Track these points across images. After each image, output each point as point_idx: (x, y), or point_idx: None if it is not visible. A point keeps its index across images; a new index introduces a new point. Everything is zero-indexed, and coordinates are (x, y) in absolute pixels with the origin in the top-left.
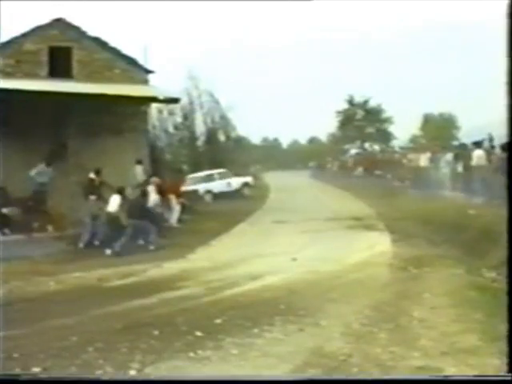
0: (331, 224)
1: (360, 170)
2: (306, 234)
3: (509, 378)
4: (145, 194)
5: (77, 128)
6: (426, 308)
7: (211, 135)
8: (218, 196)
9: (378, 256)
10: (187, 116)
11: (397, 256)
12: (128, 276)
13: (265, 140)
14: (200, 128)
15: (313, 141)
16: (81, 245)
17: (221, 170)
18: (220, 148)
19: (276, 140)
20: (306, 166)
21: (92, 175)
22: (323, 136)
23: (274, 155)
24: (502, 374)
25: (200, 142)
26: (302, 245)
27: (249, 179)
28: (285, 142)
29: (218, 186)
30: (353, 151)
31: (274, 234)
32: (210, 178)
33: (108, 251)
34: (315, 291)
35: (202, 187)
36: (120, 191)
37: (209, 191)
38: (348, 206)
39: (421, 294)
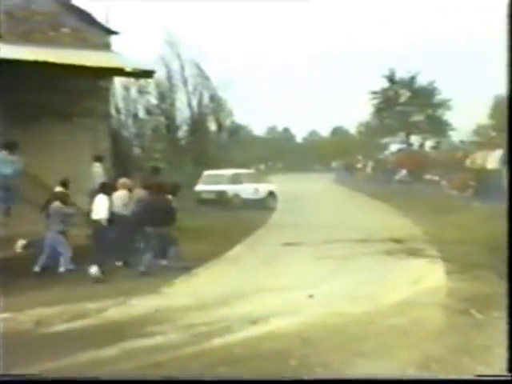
0: (362, 248)
1: (403, 172)
2: (327, 262)
3: (509, 378)
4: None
5: (5, 110)
6: (495, 368)
7: (197, 123)
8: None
9: (426, 294)
10: (164, 96)
11: (453, 294)
12: (78, 317)
13: (272, 131)
14: (182, 113)
15: (337, 132)
16: (36, 268)
17: (249, 171)
18: (209, 141)
19: (287, 131)
20: (327, 166)
21: (59, 188)
22: (352, 126)
23: (283, 151)
24: (502, 374)
25: (182, 133)
26: (320, 276)
27: (273, 187)
28: (299, 134)
29: (245, 190)
30: (393, 147)
31: (283, 261)
32: (236, 179)
33: (94, 270)
34: (339, 341)
35: (230, 189)
36: (106, 188)
37: (237, 195)
38: (386, 222)
39: (488, 348)
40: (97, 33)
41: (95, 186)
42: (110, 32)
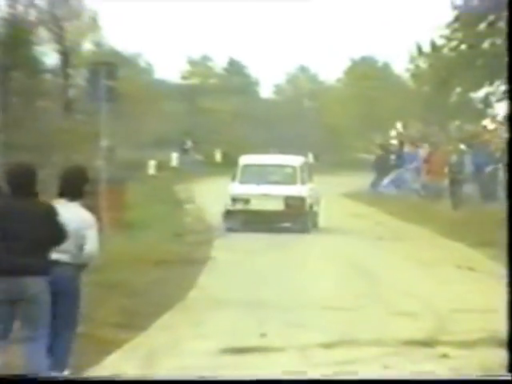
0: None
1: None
2: None
3: (509, 378)
4: None
5: None
6: None
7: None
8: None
9: None
10: None
11: None
12: None
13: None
14: None
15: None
16: None
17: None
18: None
19: (247, 75)
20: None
21: None
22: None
23: (230, 122)
24: (502, 374)
25: None
26: None
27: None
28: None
29: (313, 196)
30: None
31: None
32: (305, 174)
33: None
34: None
35: (306, 193)
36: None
37: (311, 205)
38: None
39: None
40: None
41: None
42: None
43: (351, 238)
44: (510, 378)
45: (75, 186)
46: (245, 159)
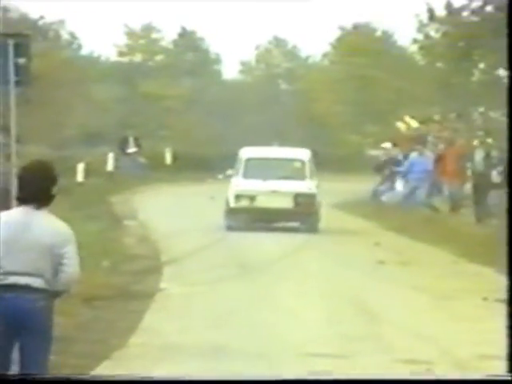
0: None
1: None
2: None
3: (509, 378)
4: None
5: None
6: None
7: None
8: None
9: None
10: None
11: None
12: None
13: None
14: None
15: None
16: None
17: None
18: None
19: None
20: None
21: None
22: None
23: (183, 111)
24: (502, 374)
25: None
26: None
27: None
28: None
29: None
30: None
31: None
32: (312, 169)
33: None
34: None
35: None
36: None
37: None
38: None
39: None
40: None
41: None
42: None
43: (343, 262)
44: (510, 378)
45: (41, 189)
46: (247, 152)
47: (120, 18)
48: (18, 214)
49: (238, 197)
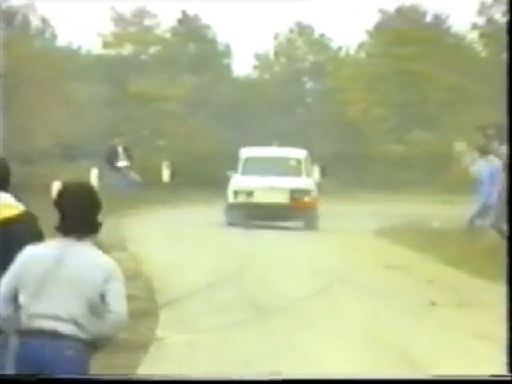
0: None
1: None
2: None
3: (509, 379)
4: None
5: None
6: None
7: None
8: None
9: None
10: None
11: None
12: None
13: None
14: None
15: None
16: None
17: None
18: None
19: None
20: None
21: None
22: None
23: (183, 116)
24: (502, 374)
25: None
26: None
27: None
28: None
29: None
30: None
31: None
32: (309, 167)
33: None
34: None
35: (312, 186)
36: None
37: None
38: None
39: None
40: None
41: None
42: None
43: (386, 302)
44: (510, 379)
45: (87, 217)
46: (247, 152)
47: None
48: (53, 246)
49: (236, 193)
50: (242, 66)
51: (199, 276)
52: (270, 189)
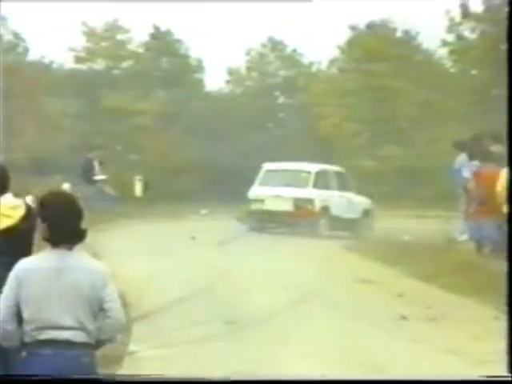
0: None
1: None
2: None
3: (509, 379)
4: None
5: None
6: None
7: None
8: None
9: None
10: None
11: None
12: None
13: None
14: None
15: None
16: None
17: (337, 168)
18: None
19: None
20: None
21: None
22: None
23: (156, 131)
24: (502, 374)
25: None
26: None
27: (368, 202)
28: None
29: (337, 201)
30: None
31: None
32: (324, 180)
33: None
34: None
35: (316, 196)
36: None
37: (326, 208)
38: None
39: None
40: None
41: None
42: None
43: (355, 316)
44: (510, 379)
45: (74, 226)
46: (268, 165)
47: (78, 14)
48: (48, 258)
49: (251, 201)
50: (215, 81)
51: (173, 290)
52: (277, 197)
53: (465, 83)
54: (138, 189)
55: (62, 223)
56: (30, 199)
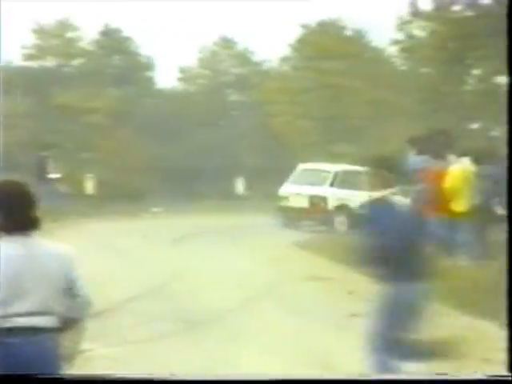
0: None
1: None
2: None
3: (509, 379)
4: None
5: None
6: None
7: None
8: None
9: None
10: None
11: None
12: None
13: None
14: None
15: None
16: None
17: (360, 168)
18: None
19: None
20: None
21: None
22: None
23: (107, 128)
24: (502, 374)
25: None
26: None
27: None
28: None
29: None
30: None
31: None
32: (344, 180)
33: None
34: None
35: (332, 194)
36: None
37: (345, 206)
38: None
39: None
40: None
41: None
42: None
43: (305, 316)
44: (510, 379)
45: (29, 213)
46: (302, 165)
47: (27, 11)
48: (14, 246)
49: (280, 198)
50: (167, 79)
51: (125, 288)
52: (297, 195)
53: (415, 81)
54: (89, 187)
55: (17, 211)
56: None
